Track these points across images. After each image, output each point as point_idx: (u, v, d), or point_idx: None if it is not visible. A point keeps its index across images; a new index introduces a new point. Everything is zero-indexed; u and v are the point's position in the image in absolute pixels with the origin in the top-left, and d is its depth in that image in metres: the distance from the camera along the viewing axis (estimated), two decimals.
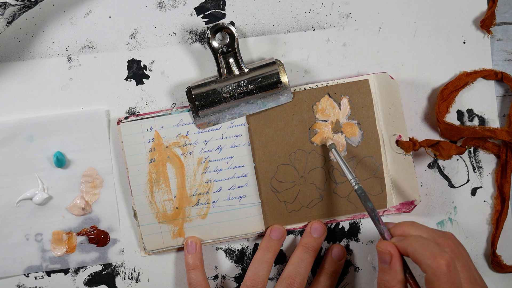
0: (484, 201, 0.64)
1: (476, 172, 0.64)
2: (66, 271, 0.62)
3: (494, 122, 0.63)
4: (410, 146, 0.60)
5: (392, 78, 0.61)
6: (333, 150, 0.59)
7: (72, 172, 0.61)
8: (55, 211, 0.61)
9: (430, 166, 0.63)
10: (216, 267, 0.63)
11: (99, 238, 0.61)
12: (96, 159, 0.61)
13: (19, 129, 0.60)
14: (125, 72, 0.61)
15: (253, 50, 0.61)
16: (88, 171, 0.61)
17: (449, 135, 0.62)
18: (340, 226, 0.63)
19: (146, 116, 0.60)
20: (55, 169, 0.61)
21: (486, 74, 0.62)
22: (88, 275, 0.62)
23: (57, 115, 0.60)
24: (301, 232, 0.63)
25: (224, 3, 0.61)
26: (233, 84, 0.59)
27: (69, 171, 0.61)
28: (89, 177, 0.61)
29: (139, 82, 0.61)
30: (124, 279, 0.62)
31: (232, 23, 0.61)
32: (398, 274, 0.50)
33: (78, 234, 0.61)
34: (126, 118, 0.60)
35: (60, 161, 0.60)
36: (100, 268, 0.62)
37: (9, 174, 0.60)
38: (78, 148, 0.61)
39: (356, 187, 0.56)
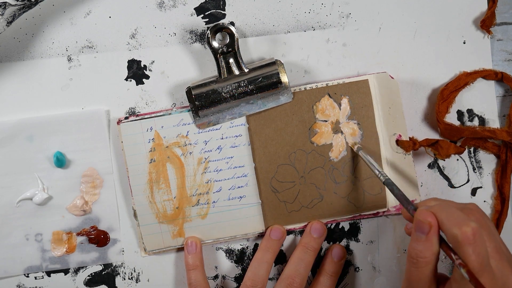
0: (484, 201, 0.64)
1: (476, 172, 0.64)
2: (66, 271, 0.62)
3: (494, 122, 0.63)
4: (410, 146, 0.60)
5: (392, 78, 0.61)
6: (360, 152, 0.59)
7: (72, 172, 0.61)
8: (55, 211, 0.61)
9: (430, 166, 0.63)
10: (216, 267, 0.63)
11: (99, 238, 0.61)
12: (96, 159, 0.61)
13: (19, 129, 0.60)
14: (125, 72, 0.61)
15: (253, 50, 0.61)
16: (88, 171, 0.61)
17: (449, 135, 0.62)
18: (340, 226, 0.63)
19: (146, 116, 0.60)
20: (55, 169, 0.61)
21: (486, 74, 0.62)
22: (88, 275, 0.62)
23: (57, 115, 0.60)
24: (301, 232, 0.63)
25: (224, 3, 0.61)
26: (233, 84, 0.59)
27: (69, 171, 0.61)
28: (89, 177, 0.61)
29: (139, 82, 0.61)
30: (124, 279, 0.62)
31: (232, 23, 0.61)
32: (433, 246, 0.48)
33: (78, 234, 0.61)
34: (126, 118, 0.60)
35: (60, 161, 0.60)
36: (100, 268, 0.62)
37: (9, 174, 0.60)
38: (78, 148, 0.61)
39: (383, 180, 0.55)
